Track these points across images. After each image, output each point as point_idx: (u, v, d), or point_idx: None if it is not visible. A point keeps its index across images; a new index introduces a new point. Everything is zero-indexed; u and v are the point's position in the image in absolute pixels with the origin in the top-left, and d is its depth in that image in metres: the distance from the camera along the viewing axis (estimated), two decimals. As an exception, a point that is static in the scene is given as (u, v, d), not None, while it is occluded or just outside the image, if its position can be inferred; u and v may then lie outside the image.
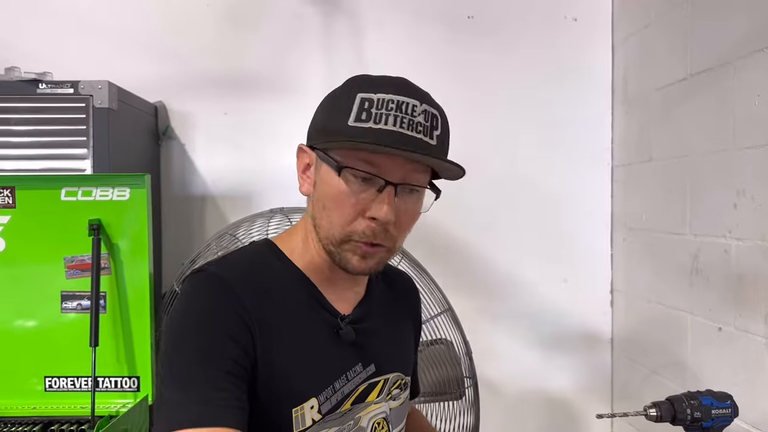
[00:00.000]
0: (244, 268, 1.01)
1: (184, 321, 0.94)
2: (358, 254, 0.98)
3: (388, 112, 0.93)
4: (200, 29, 2.36)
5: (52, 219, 1.72)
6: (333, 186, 0.96)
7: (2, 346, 1.74)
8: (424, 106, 0.96)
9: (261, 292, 0.97)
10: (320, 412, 0.98)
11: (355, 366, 1.04)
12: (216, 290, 0.95)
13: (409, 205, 0.99)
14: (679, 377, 1.95)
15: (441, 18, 2.41)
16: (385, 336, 1.11)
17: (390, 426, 1.09)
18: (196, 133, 2.39)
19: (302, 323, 1.00)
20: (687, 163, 1.91)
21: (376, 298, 1.13)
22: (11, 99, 1.86)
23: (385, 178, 0.94)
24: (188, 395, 0.87)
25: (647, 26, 2.15)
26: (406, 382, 1.14)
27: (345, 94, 0.97)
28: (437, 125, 0.97)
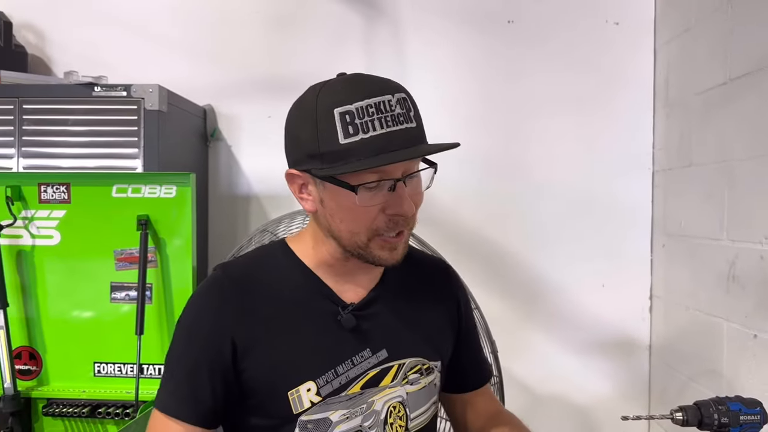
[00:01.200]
0: (251, 265, 1.15)
1: (182, 316, 1.12)
2: (386, 249, 1.05)
3: (370, 118, 0.97)
4: (248, 36, 2.46)
5: (104, 214, 1.83)
6: (347, 202, 1.01)
7: (56, 333, 1.85)
8: (396, 95, 1.00)
9: (261, 288, 1.09)
10: (319, 394, 1.05)
11: (362, 351, 1.09)
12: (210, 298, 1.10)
13: (416, 188, 1.07)
14: (715, 384, 1.92)
15: (481, 23, 2.44)
16: (401, 322, 1.15)
17: (407, 410, 1.13)
18: (241, 135, 2.49)
19: (302, 313, 1.09)
20: (725, 168, 1.89)
21: (394, 285, 1.17)
22: (69, 101, 1.99)
23: (392, 177, 1.01)
24: (166, 382, 1.09)
25: (688, 30, 2.13)
26: (429, 367, 1.17)
27: (321, 114, 0.99)
28: (410, 106, 1.02)
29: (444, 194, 2.36)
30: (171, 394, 1.07)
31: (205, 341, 1.06)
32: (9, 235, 1.83)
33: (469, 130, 2.42)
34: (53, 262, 1.85)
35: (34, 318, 1.85)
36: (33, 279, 1.85)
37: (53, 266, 1.85)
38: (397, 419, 1.12)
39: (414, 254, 1.27)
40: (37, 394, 1.82)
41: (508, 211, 2.44)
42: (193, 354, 1.07)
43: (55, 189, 1.84)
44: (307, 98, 1.04)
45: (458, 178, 2.39)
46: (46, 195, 1.84)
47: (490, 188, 2.45)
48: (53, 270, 1.85)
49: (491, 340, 1.70)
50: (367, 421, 1.08)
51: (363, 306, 1.12)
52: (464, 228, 2.41)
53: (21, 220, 1.84)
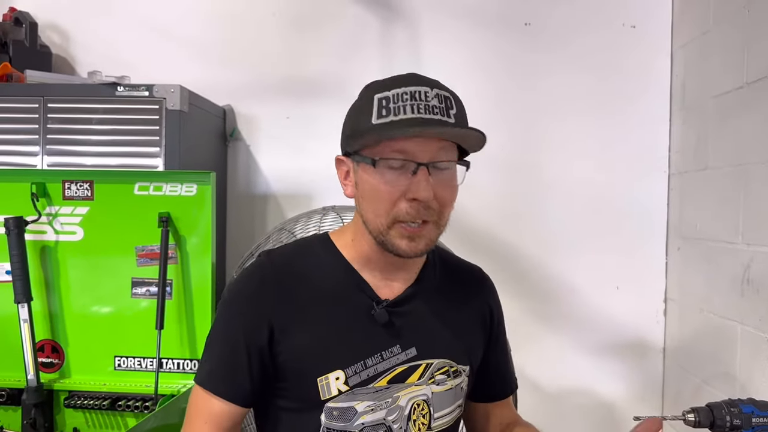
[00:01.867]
0: (293, 254, 1.19)
1: (226, 297, 1.18)
2: (406, 237, 1.06)
3: (404, 104, 1.03)
4: (266, 37, 2.49)
5: (126, 211, 1.87)
6: (372, 180, 1.06)
7: (78, 327, 1.90)
8: (436, 90, 1.06)
9: (300, 277, 1.14)
10: (347, 383, 1.09)
11: (392, 347, 1.12)
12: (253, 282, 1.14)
13: (445, 180, 1.08)
14: (728, 387, 1.93)
15: (498, 25, 2.46)
16: (433, 322, 1.17)
17: (431, 409, 1.15)
18: (260, 135, 2.52)
19: (337, 305, 1.13)
20: (741, 172, 1.89)
21: (429, 286, 1.19)
22: (93, 100, 2.03)
23: (416, 160, 1.03)
24: (205, 358, 1.15)
25: (705, 33, 2.14)
26: (458, 370, 1.19)
27: (363, 100, 1.08)
28: (452, 105, 1.06)
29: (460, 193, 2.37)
30: (211, 371, 1.13)
31: (246, 322, 1.11)
32: (34, 230, 1.87)
33: (485, 131, 2.43)
34: (76, 257, 1.89)
35: (57, 312, 1.90)
36: (56, 274, 1.89)
37: (76, 261, 1.89)
38: (420, 417, 1.14)
39: (451, 259, 1.31)
40: (59, 387, 1.86)
41: (524, 211, 2.45)
42: (233, 334, 1.11)
43: (78, 186, 1.88)
44: (361, 92, 1.12)
45: (474, 178, 2.37)
46: (70, 192, 1.88)
47: (506, 189, 2.46)
48: (76, 265, 1.89)
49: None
50: (391, 416, 1.11)
51: (397, 303, 1.14)
52: (479, 228, 2.42)
53: (45, 216, 1.88)
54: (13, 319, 1.81)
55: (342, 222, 1.92)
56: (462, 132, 1.05)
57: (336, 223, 1.92)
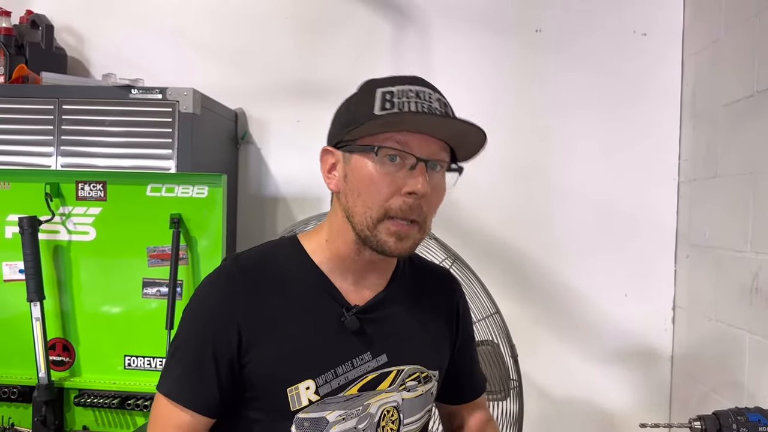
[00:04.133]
0: (261, 258, 1.14)
1: (191, 304, 1.12)
2: (394, 235, 1.04)
3: (408, 100, 1.03)
4: (278, 41, 2.51)
5: (138, 212, 1.89)
6: (368, 170, 1.04)
7: (89, 326, 1.91)
8: (438, 95, 1.07)
9: (268, 283, 1.10)
10: (318, 393, 1.06)
11: (363, 354, 1.10)
12: (220, 286, 1.10)
13: (437, 183, 1.07)
14: (736, 396, 1.92)
15: (509, 31, 2.47)
16: (403, 328, 1.15)
17: (401, 415, 1.13)
18: (271, 139, 2.54)
19: (306, 311, 1.09)
20: (751, 180, 1.89)
21: (399, 292, 1.17)
22: (107, 102, 2.06)
23: (416, 155, 1.03)
24: (171, 367, 1.10)
25: (716, 41, 2.14)
26: (428, 375, 1.17)
27: (364, 92, 1.07)
28: (451, 111, 1.07)
29: (468, 199, 2.39)
30: (177, 381, 1.08)
31: (214, 329, 1.06)
32: (47, 230, 1.90)
33: (495, 138, 2.41)
34: (88, 257, 1.91)
35: (68, 311, 1.92)
36: (69, 273, 1.91)
37: (88, 261, 1.91)
38: (390, 423, 1.12)
39: (420, 262, 1.27)
40: (69, 385, 1.88)
41: (532, 218, 2.46)
42: (201, 341, 1.07)
43: (92, 187, 1.90)
44: (359, 87, 1.11)
45: (482, 183, 2.42)
46: (83, 192, 1.90)
47: (515, 195, 2.47)
48: (88, 265, 1.91)
49: (511, 344, 1.73)
50: (362, 423, 1.09)
51: (367, 309, 1.12)
52: (487, 233, 2.43)
53: (59, 216, 1.90)
54: (26, 317, 1.84)
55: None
56: (467, 128, 1.03)
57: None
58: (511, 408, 1.75)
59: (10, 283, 1.90)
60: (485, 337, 1.70)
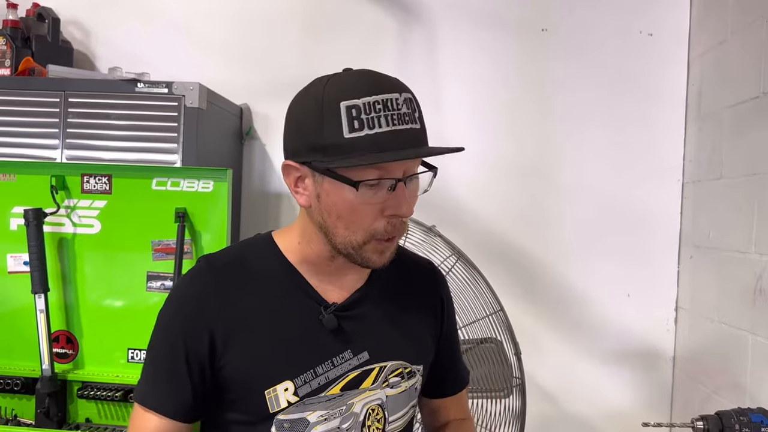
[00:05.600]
0: (235, 258, 1.12)
1: (164, 307, 1.10)
2: (377, 252, 1.04)
3: (377, 114, 0.97)
4: (284, 37, 2.51)
5: (143, 205, 1.89)
6: (348, 199, 1.00)
7: (93, 319, 1.92)
8: (404, 95, 1.00)
9: (242, 283, 1.08)
10: (297, 394, 1.04)
11: (343, 353, 1.08)
12: (192, 288, 1.09)
13: (414, 190, 1.05)
14: (738, 397, 1.92)
15: (515, 30, 2.47)
16: (385, 324, 1.14)
17: (386, 413, 1.12)
18: (276, 135, 2.54)
19: (283, 311, 1.08)
20: (756, 181, 1.89)
21: (380, 287, 1.15)
22: (113, 96, 2.06)
23: (394, 177, 1.00)
24: (146, 374, 1.09)
25: (722, 43, 2.14)
26: (412, 370, 1.15)
27: (327, 106, 0.98)
28: (415, 107, 1.02)
29: (472, 198, 2.39)
30: (150, 387, 1.07)
31: (186, 333, 1.04)
32: (52, 222, 1.89)
33: (500, 136, 2.45)
34: (93, 250, 1.91)
35: (72, 304, 1.92)
36: (73, 266, 1.91)
37: (93, 254, 1.91)
38: (375, 422, 1.11)
39: (402, 255, 1.22)
40: (72, 377, 1.88)
41: (536, 217, 2.46)
42: (173, 346, 1.05)
43: (97, 180, 1.90)
44: (312, 89, 1.03)
45: (486, 182, 2.42)
46: (89, 185, 1.90)
47: (518, 194, 2.47)
48: (93, 258, 1.91)
49: (515, 342, 1.73)
50: (346, 423, 1.08)
51: (346, 307, 1.10)
52: (491, 231, 2.43)
53: (64, 208, 1.90)
54: (30, 309, 1.83)
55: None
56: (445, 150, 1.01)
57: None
58: (514, 405, 1.75)
59: (15, 275, 1.90)
60: (489, 334, 1.71)
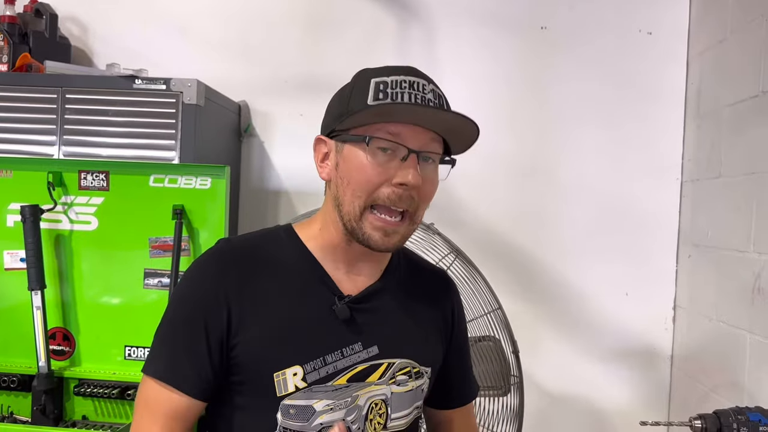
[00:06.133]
0: (253, 245, 1.14)
1: (180, 284, 1.15)
2: (380, 231, 1.04)
3: (402, 90, 1.02)
4: (283, 35, 2.51)
5: (141, 202, 1.88)
6: (359, 160, 1.04)
7: (90, 316, 1.91)
8: (432, 86, 1.06)
9: (260, 267, 1.09)
10: (305, 380, 1.05)
11: (353, 344, 1.08)
12: (212, 265, 1.10)
13: (429, 174, 1.06)
14: (736, 396, 1.92)
15: (514, 28, 2.46)
16: (397, 321, 1.14)
17: (389, 409, 1.12)
18: (274, 132, 2.54)
19: (298, 298, 1.09)
20: (755, 180, 1.89)
21: (394, 285, 1.16)
22: (110, 92, 2.05)
23: (408, 146, 1.03)
24: (161, 350, 1.07)
25: (722, 41, 2.13)
26: (420, 371, 1.16)
27: (358, 83, 1.07)
28: (445, 103, 1.07)
29: (470, 195, 2.39)
30: (168, 362, 1.05)
31: (205, 309, 1.05)
32: (49, 219, 1.89)
33: (499, 134, 2.45)
34: (90, 247, 1.90)
35: (69, 300, 1.91)
36: (70, 263, 1.91)
37: (90, 251, 1.90)
38: (377, 416, 1.11)
39: (416, 260, 1.28)
40: (69, 374, 1.88)
41: (535, 215, 2.46)
42: (191, 322, 1.05)
43: (94, 177, 1.89)
44: (354, 77, 1.11)
45: (485, 179, 2.42)
46: (86, 182, 1.90)
47: (517, 192, 2.47)
48: (90, 255, 1.90)
49: (513, 340, 1.73)
50: (350, 416, 1.08)
51: (360, 299, 1.11)
52: (490, 229, 2.43)
53: (61, 205, 1.89)
54: (27, 306, 1.83)
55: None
56: (455, 122, 1.04)
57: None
58: (512, 403, 1.75)
59: (12, 271, 1.89)
60: (487, 332, 1.71)
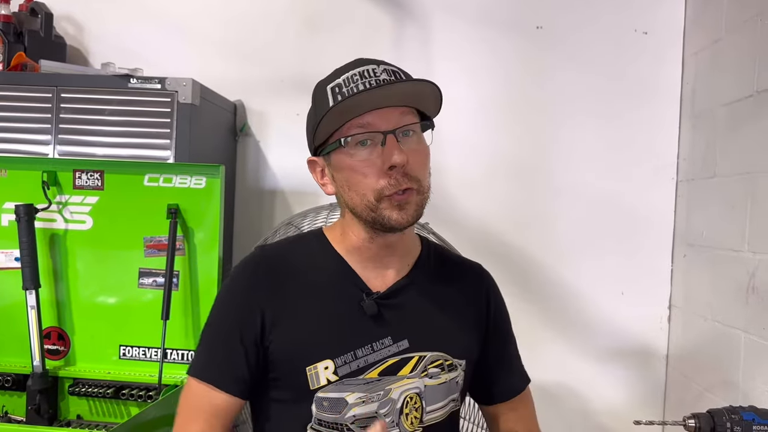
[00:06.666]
0: (286, 248, 1.25)
1: (220, 291, 1.23)
2: (395, 208, 1.08)
3: (355, 84, 1.07)
4: (279, 34, 2.50)
5: (135, 202, 1.88)
6: (346, 163, 1.09)
7: (85, 316, 1.91)
8: (383, 66, 1.10)
9: (292, 269, 1.17)
10: (336, 373, 1.10)
11: (383, 339, 1.13)
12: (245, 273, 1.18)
13: (414, 146, 1.10)
14: (731, 395, 1.92)
15: (510, 28, 2.46)
16: (427, 315, 1.17)
17: (424, 402, 1.14)
18: (270, 132, 2.54)
19: (328, 297, 1.15)
20: (749, 180, 1.89)
21: (423, 278, 1.19)
22: (105, 92, 2.05)
23: (380, 130, 1.07)
24: (202, 352, 1.17)
25: (717, 41, 2.14)
26: (453, 363, 1.18)
27: (317, 96, 1.13)
28: (402, 76, 1.10)
29: (465, 195, 2.39)
30: (208, 363, 1.14)
31: (239, 313, 1.13)
32: (44, 218, 1.89)
33: (493, 133, 2.45)
34: (85, 246, 1.90)
35: (64, 300, 1.91)
36: (65, 262, 1.91)
37: (85, 250, 1.91)
38: (413, 410, 1.13)
39: (448, 254, 1.31)
40: (64, 374, 1.88)
41: (530, 215, 2.46)
42: (228, 325, 1.14)
43: (89, 176, 1.89)
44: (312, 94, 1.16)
45: (480, 179, 2.42)
46: (81, 181, 1.90)
47: (512, 191, 2.47)
48: (84, 254, 1.91)
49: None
50: (383, 408, 1.11)
51: (388, 295, 1.15)
52: (484, 229, 2.43)
53: (55, 204, 1.90)
54: (21, 305, 1.83)
55: (348, 219, 1.93)
56: (413, 89, 1.07)
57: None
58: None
59: (6, 271, 1.90)
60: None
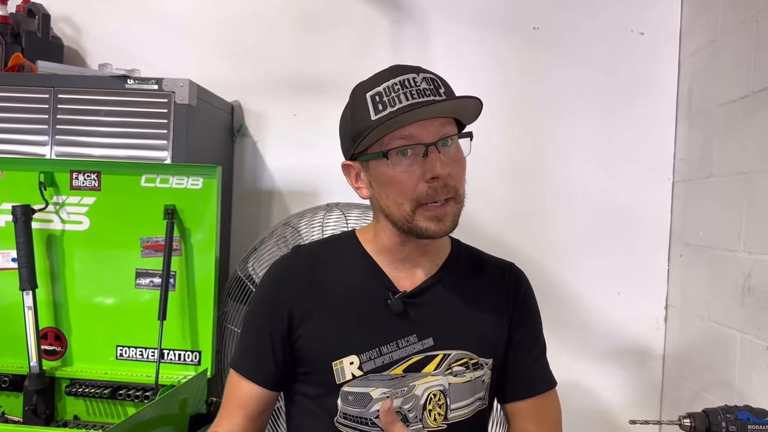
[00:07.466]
0: (319, 248, 1.30)
1: (257, 286, 1.32)
2: (433, 219, 1.11)
3: (396, 94, 1.09)
4: (277, 35, 2.51)
5: (132, 202, 1.88)
6: (387, 172, 1.12)
7: (82, 316, 1.91)
8: (422, 74, 1.13)
9: (324, 268, 1.22)
10: (361, 369, 1.14)
11: (409, 336, 1.16)
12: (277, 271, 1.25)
13: (453, 155, 1.13)
14: (726, 395, 1.93)
15: (507, 28, 2.46)
16: (452, 313, 1.20)
17: (448, 400, 1.16)
18: (267, 132, 2.54)
19: (356, 295, 1.20)
20: (746, 180, 1.89)
21: (451, 278, 1.22)
22: (102, 92, 2.05)
23: (423, 142, 1.10)
24: (239, 343, 1.28)
25: (713, 42, 2.14)
26: (478, 362, 1.19)
27: (356, 102, 1.14)
28: (440, 84, 1.13)
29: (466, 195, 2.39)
30: (242, 355, 1.23)
31: (269, 310, 1.21)
32: (40, 219, 1.88)
33: (492, 135, 2.45)
34: (82, 247, 1.90)
35: (61, 300, 1.91)
36: (62, 263, 1.91)
37: (82, 251, 1.90)
38: (437, 407, 1.15)
39: (478, 254, 1.33)
40: (61, 374, 1.88)
41: (527, 215, 2.46)
42: (259, 320, 1.22)
43: (86, 176, 1.89)
44: (350, 96, 1.18)
45: (476, 179, 2.40)
46: (78, 182, 1.90)
47: (510, 193, 2.47)
48: (81, 255, 1.91)
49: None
50: (407, 404, 1.13)
51: (415, 294, 1.19)
52: (481, 229, 2.43)
53: (52, 205, 1.89)
54: (18, 306, 1.82)
55: (346, 219, 1.94)
56: (456, 103, 1.11)
57: (340, 220, 1.94)
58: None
59: (3, 271, 1.89)
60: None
